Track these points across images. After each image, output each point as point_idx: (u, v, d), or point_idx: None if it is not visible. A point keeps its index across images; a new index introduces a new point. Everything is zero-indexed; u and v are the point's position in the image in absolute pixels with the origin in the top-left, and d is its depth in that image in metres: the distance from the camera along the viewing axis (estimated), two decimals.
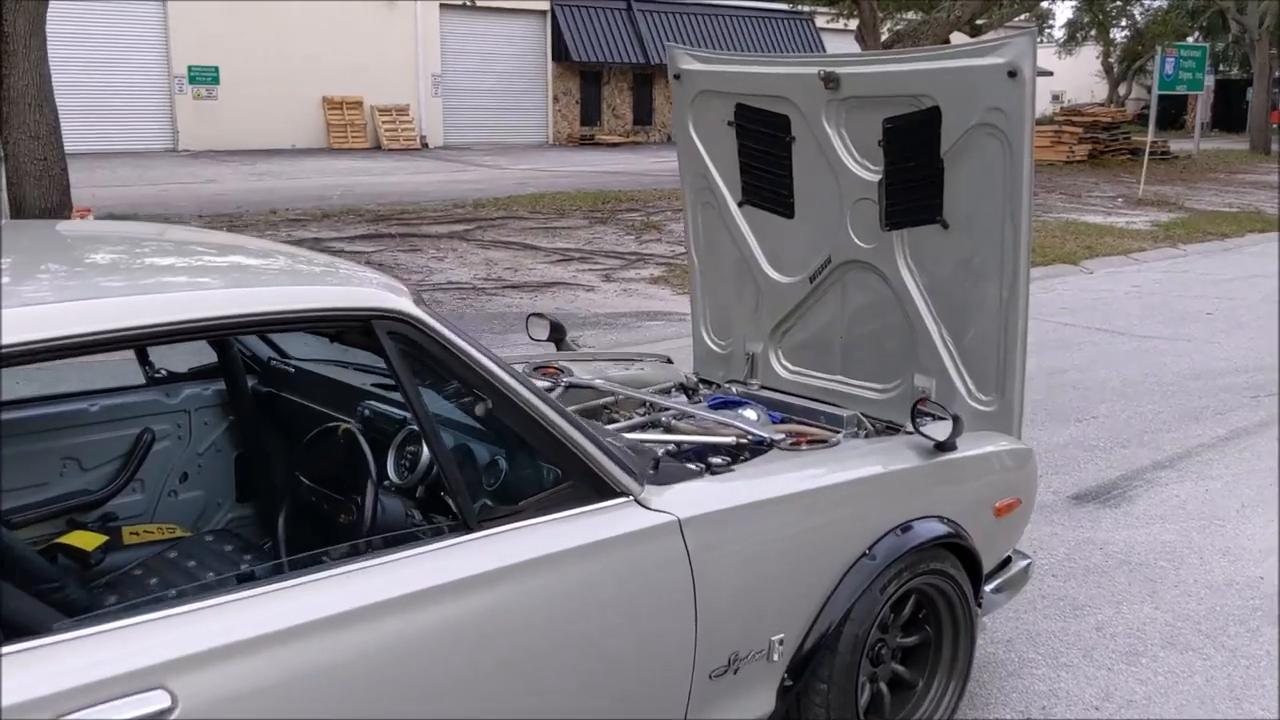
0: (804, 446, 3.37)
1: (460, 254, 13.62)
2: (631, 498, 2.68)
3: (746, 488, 2.96)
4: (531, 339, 4.57)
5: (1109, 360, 8.72)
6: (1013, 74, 3.49)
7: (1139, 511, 5.52)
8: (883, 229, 4.01)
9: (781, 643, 2.97)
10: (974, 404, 3.88)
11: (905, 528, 3.23)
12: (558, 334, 4.56)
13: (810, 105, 4.09)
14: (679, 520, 2.71)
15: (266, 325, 2.28)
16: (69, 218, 12.85)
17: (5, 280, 2.23)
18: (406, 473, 2.95)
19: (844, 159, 4.06)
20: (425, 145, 32.41)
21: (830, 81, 3.97)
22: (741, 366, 4.58)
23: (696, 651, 2.75)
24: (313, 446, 2.98)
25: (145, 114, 29.52)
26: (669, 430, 3.81)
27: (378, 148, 31.72)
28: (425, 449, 2.91)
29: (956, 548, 3.36)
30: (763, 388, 4.43)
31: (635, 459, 2.84)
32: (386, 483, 2.95)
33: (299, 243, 13.92)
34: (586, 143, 35.84)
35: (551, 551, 2.48)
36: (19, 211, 12.91)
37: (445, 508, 2.86)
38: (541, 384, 4.08)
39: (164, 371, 3.62)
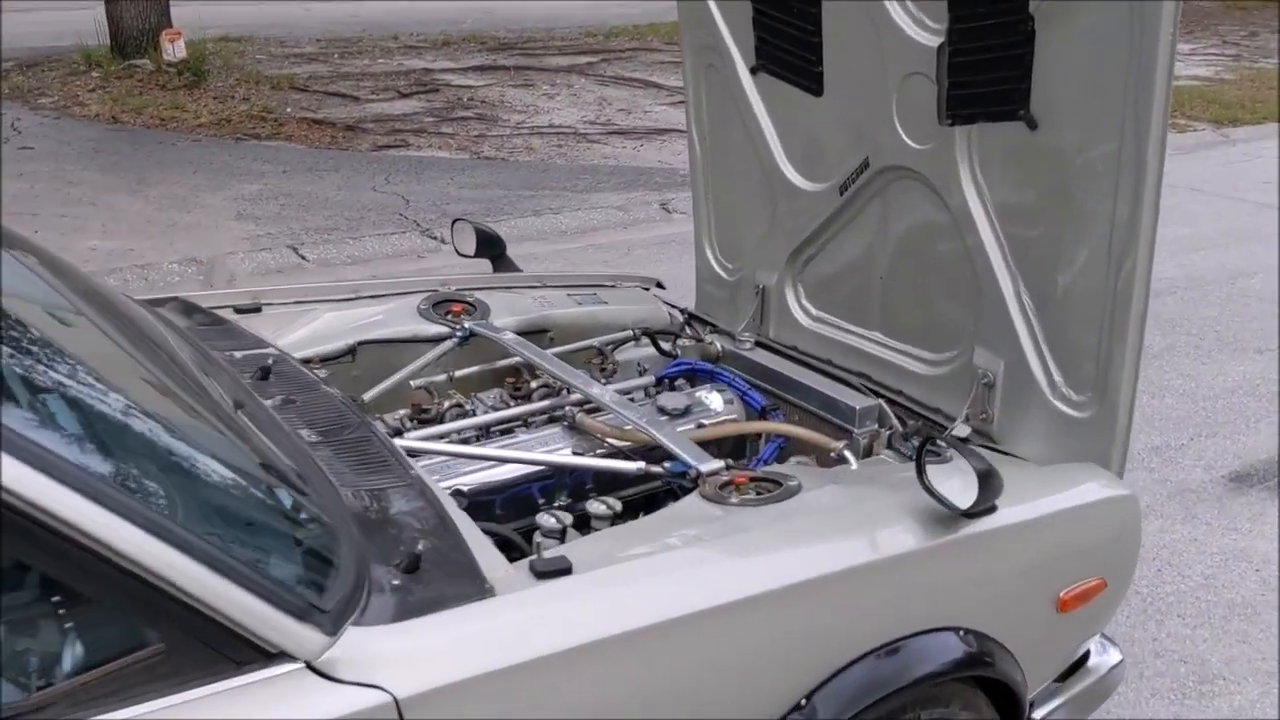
0: (737, 493, 2.09)
1: (575, 91, 12.31)
2: (302, 663, 1.47)
3: (572, 610, 1.71)
4: (458, 253, 3.33)
5: None
6: None
7: None
8: (942, 122, 2.60)
9: None
10: (1059, 404, 2.49)
11: (889, 650, 1.95)
12: (493, 248, 3.32)
13: None
14: (395, 701, 1.49)
15: None
16: (161, 40, 12.01)
17: None
18: None
19: (890, 10, 2.64)
20: None
21: None
22: (751, 301, 3.25)
23: None
24: None
25: None
26: (573, 429, 2.56)
27: None
28: None
29: (980, 676, 2.06)
30: (759, 344, 3.10)
31: (352, 565, 1.62)
32: None
33: (407, 73, 12.81)
34: None
35: None
36: (117, 33, 12.12)
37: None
38: (435, 329, 2.89)
39: None
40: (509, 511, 2.41)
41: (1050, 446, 2.50)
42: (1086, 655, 2.45)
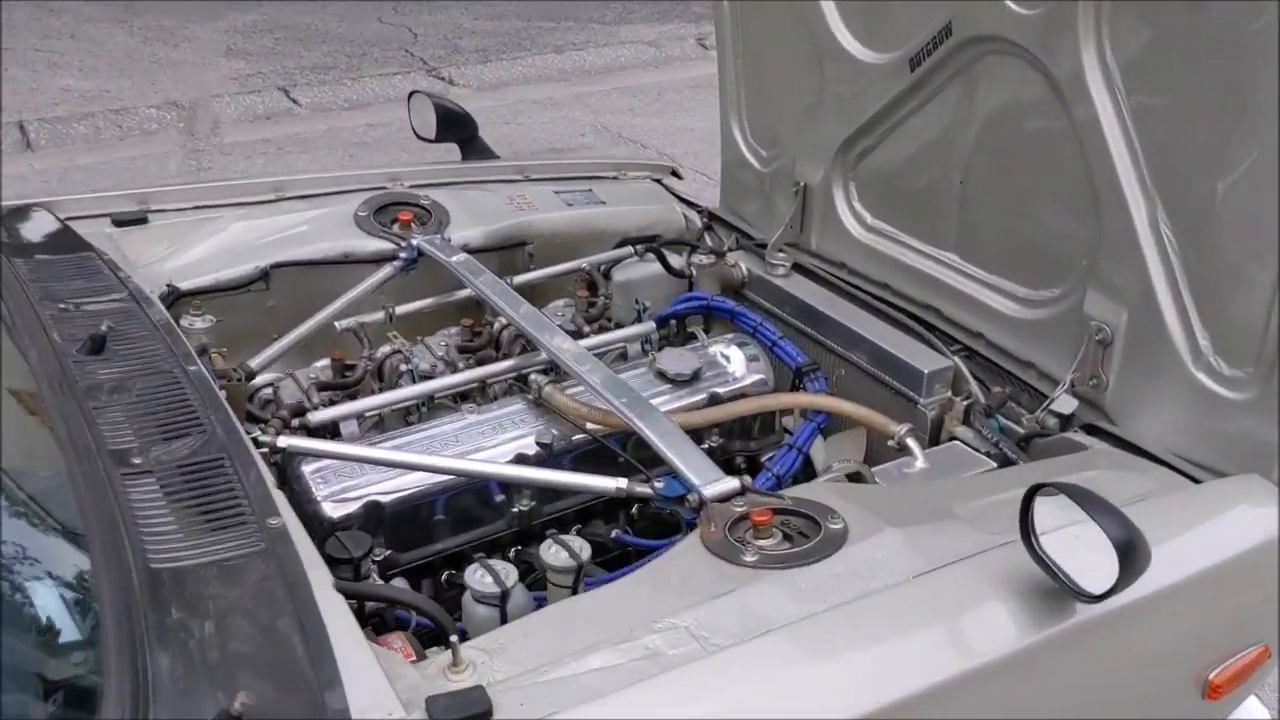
0: (755, 538, 1.44)
1: None
2: None
3: None
4: (417, 136, 2.63)
5: None
6: None
7: None
8: None
9: None
10: (1203, 377, 1.81)
11: None
12: (461, 129, 2.62)
13: None
14: None
15: None
16: None
17: None
18: None
19: None
20: None
21: None
22: (789, 200, 2.55)
23: None
24: None
25: None
26: (539, 403, 1.90)
27: None
28: None
29: None
30: (798, 267, 2.41)
31: None
32: None
33: None
34: None
35: None
36: None
37: None
38: (375, 245, 2.24)
39: None
40: (460, 520, 1.79)
41: (1187, 434, 1.83)
42: None
